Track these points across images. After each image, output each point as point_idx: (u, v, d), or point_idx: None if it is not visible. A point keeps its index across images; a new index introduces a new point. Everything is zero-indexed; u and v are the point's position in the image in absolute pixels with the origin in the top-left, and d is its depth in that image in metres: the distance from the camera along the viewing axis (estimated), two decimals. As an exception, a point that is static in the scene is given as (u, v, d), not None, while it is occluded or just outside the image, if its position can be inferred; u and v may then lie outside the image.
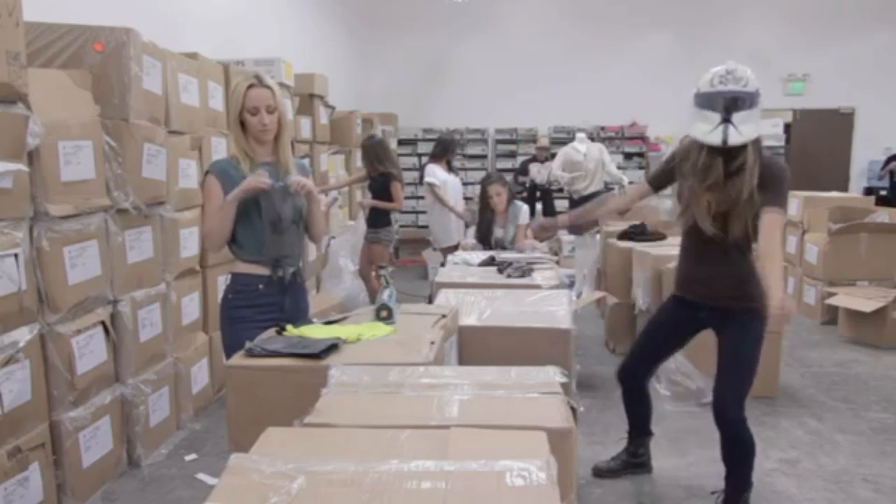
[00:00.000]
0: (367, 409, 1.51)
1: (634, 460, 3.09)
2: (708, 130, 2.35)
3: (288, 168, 2.55)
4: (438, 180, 5.84)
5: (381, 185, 5.53)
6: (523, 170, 9.33)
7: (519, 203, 4.74)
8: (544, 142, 9.54)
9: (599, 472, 3.07)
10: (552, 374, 1.69)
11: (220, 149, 3.91)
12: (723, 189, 2.42)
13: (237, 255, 2.54)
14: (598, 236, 5.83)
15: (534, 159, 9.39)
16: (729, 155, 2.40)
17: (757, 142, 2.41)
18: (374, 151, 5.51)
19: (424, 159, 8.15)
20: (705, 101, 2.37)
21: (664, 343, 2.89)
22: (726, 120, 2.32)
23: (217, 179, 2.47)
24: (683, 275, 2.72)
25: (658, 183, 2.78)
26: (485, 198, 4.56)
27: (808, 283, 6.08)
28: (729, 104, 2.32)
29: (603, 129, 10.62)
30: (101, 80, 2.95)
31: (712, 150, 2.40)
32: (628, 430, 3.08)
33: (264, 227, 2.48)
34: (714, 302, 2.59)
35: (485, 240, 4.53)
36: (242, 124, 2.48)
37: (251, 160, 2.50)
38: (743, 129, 2.32)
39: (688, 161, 2.52)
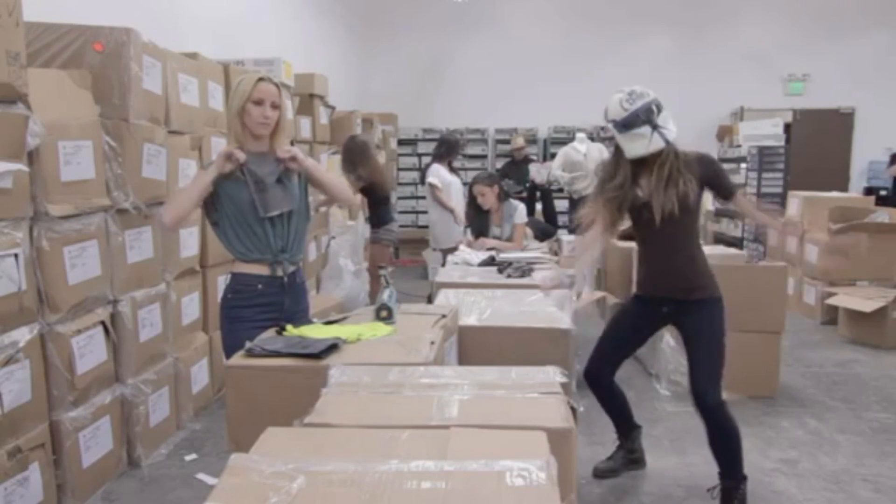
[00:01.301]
0: (367, 409, 1.51)
1: (631, 456, 3.11)
2: (646, 143, 2.60)
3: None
4: (442, 181, 5.81)
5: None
6: (504, 173, 9.15)
7: (514, 202, 4.76)
8: (519, 141, 9.35)
9: (600, 474, 3.07)
10: (552, 374, 1.70)
11: (219, 149, 3.90)
12: (665, 189, 2.63)
13: (236, 254, 2.54)
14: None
15: (513, 161, 9.30)
16: (652, 160, 2.64)
17: (673, 143, 2.65)
18: (352, 154, 5.42)
19: (425, 159, 8.14)
20: (628, 122, 2.61)
21: (627, 342, 2.98)
22: (655, 126, 2.59)
23: (205, 171, 2.50)
24: (646, 274, 2.87)
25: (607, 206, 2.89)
26: (472, 198, 4.67)
27: (808, 283, 6.08)
28: (650, 114, 2.59)
29: (603, 129, 10.61)
30: (101, 80, 2.95)
31: (633, 163, 2.66)
32: (616, 430, 3.10)
33: (252, 197, 2.46)
34: (677, 294, 2.75)
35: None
36: (241, 118, 2.49)
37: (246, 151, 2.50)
38: (670, 128, 2.62)
39: (615, 181, 2.74)
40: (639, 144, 2.60)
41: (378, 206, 5.60)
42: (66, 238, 2.68)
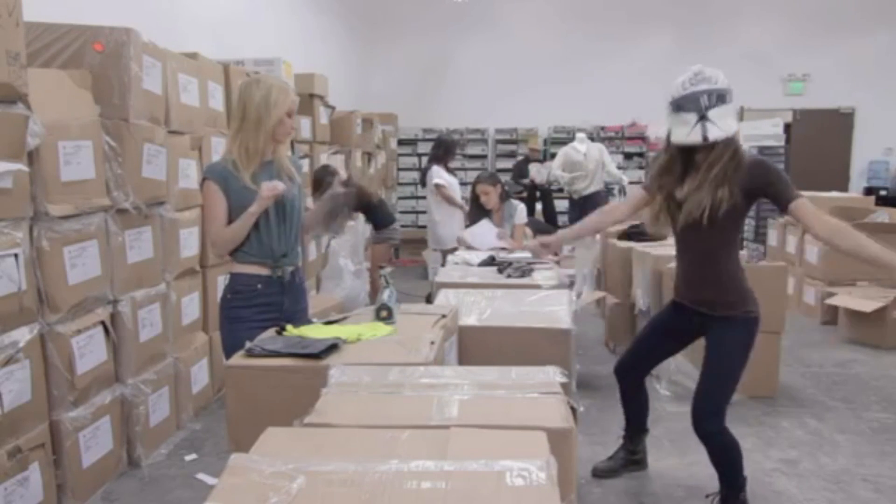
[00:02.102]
0: (367, 409, 1.51)
1: (632, 457, 3.10)
2: (687, 132, 2.37)
3: (285, 166, 2.58)
4: (446, 182, 5.86)
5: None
6: (521, 172, 9.27)
7: (515, 202, 4.78)
8: (539, 143, 9.44)
9: (599, 473, 3.07)
10: (552, 374, 1.69)
11: (219, 149, 3.90)
12: (698, 192, 2.42)
13: (235, 255, 2.54)
14: (598, 236, 5.84)
15: (527, 160, 9.35)
16: (703, 156, 2.41)
17: (733, 142, 2.41)
18: (319, 181, 5.37)
19: (425, 159, 8.14)
20: (680, 104, 2.39)
21: (661, 345, 2.90)
22: (703, 117, 2.34)
23: (217, 185, 2.46)
24: (678, 280, 2.74)
25: (654, 189, 2.73)
26: (474, 197, 4.68)
27: (808, 283, 6.08)
28: (703, 101, 2.34)
29: (603, 129, 10.63)
30: (101, 80, 2.95)
31: (684, 152, 2.44)
32: (625, 428, 3.09)
33: (261, 222, 2.49)
34: (701, 307, 2.61)
35: None
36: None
37: (259, 159, 2.49)
38: (721, 125, 2.34)
39: (668, 170, 2.55)
40: (681, 131, 2.39)
41: (371, 213, 5.61)
42: (66, 238, 2.67)
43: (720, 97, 2.34)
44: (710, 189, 2.38)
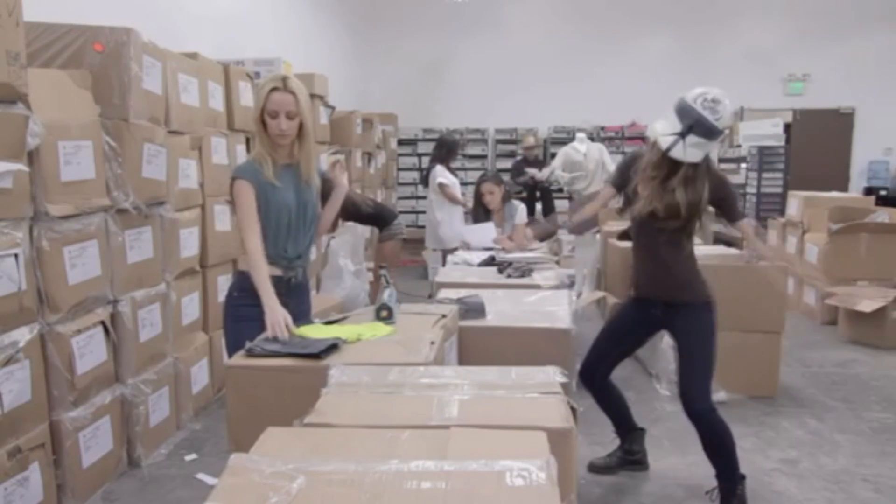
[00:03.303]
0: (367, 409, 1.51)
1: (630, 458, 3.11)
2: (664, 133, 2.54)
3: (309, 174, 2.55)
4: (450, 181, 5.88)
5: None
6: (518, 171, 9.20)
7: (515, 202, 4.82)
8: (530, 140, 9.21)
9: (594, 468, 3.08)
10: (552, 374, 1.70)
11: (220, 149, 3.91)
12: (661, 192, 2.61)
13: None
14: (598, 236, 5.84)
15: (524, 160, 9.29)
16: (676, 165, 2.57)
17: (705, 165, 2.60)
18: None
19: (425, 159, 8.15)
20: (680, 109, 2.53)
21: (622, 343, 2.98)
22: (682, 135, 2.50)
23: (248, 182, 2.44)
24: (635, 275, 2.87)
25: (619, 184, 2.93)
26: (478, 196, 4.69)
27: (808, 283, 6.08)
28: (693, 125, 2.48)
29: (603, 129, 10.62)
30: (101, 80, 2.95)
31: (665, 154, 2.57)
32: (615, 430, 3.10)
33: (274, 225, 2.49)
34: (663, 297, 2.74)
35: None
36: (264, 124, 2.46)
37: (273, 161, 2.48)
38: (689, 151, 2.51)
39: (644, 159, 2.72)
40: (660, 126, 2.56)
41: (369, 220, 5.59)
42: (66, 238, 2.67)
43: (708, 132, 2.48)
44: (661, 191, 2.59)
